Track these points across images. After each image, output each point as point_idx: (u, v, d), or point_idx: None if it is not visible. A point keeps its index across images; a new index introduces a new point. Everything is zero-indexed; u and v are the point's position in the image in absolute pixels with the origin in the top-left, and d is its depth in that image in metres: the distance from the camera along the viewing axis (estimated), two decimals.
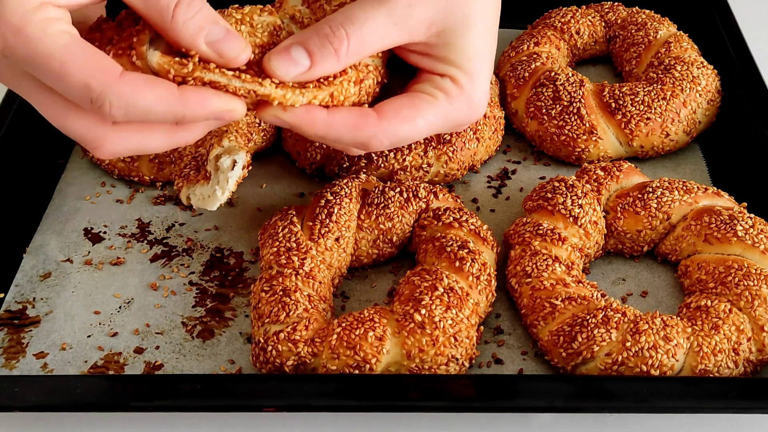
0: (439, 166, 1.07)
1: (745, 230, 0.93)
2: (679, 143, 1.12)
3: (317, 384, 0.81)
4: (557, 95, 1.11)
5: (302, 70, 0.76)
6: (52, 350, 0.91)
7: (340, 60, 0.77)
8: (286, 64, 0.76)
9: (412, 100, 0.82)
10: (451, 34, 0.80)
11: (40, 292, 0.97)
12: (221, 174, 0.89)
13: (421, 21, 0.78)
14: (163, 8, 0.71)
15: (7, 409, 0.81)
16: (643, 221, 0.97)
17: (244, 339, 0.92)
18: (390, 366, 0.85)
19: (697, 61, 1.14)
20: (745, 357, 0.86)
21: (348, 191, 0.97)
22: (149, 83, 0.71)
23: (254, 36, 0.79)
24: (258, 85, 0.75)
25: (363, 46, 0.77)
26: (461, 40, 0.81)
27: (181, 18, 0.71)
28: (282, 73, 0.76)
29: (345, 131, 0.79)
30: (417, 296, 0.87)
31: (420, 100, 0.83)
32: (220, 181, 0.89)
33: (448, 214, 0.96)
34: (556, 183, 1.00)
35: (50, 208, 1.08)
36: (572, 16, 1.25)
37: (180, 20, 0.71)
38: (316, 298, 0.89)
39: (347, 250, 0.96)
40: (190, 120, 0.73)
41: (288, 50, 0.76)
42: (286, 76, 0.76)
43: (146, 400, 0.80)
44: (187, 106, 0.71)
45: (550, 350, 0.88)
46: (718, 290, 0.90)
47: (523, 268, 0.93)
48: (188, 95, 0.72)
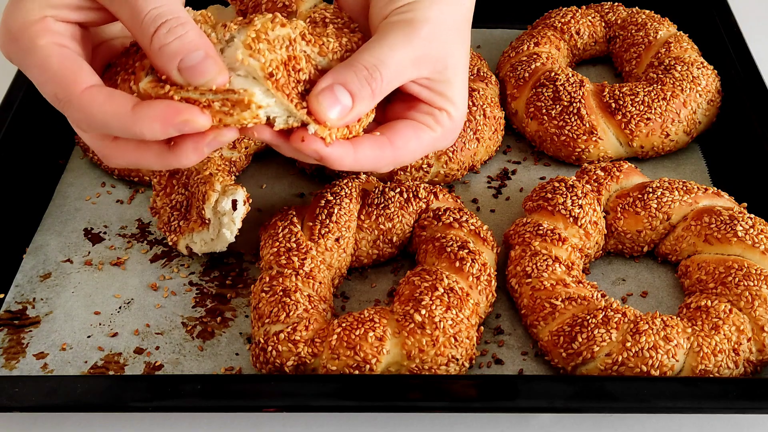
0: (439, 166, 1.07)
1: (745, 230, 0.93)
2: (679, 143, 1.12)
3: (317, 384, 0.81)
4: (557, 95, 1.11)
5: (345, 111, 0.78)
6: (52, 351, 0.91)
7: (375, 99, 0.80)
8: (331, 104, 0.77)
9: (417, 132, 0.85)
10: (450, 71, 0.84)
11: (40, 292, 0.97)
12: (225, 217, 0.92)
13: (431, 59, 0.82)
14: (144, 32, 0.73)
15: (7, 409, 0.81)
16: (643, 221, 0.97)
17: (244, 339, 0.92)
18: (390, 366, 0.85)
19: (697, 62, 1.14)
20: (745, 357, 0.86)
21: (348, 191, 0.97)
22: (108, 98, 0.72)
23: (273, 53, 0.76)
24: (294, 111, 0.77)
25: (391, 84, 0.80)
26: (456, 77, 0.85)
27: (157, 43, 0.72)
28: (328, 113, 0.77)
29: (367, 164, 0.83)
30: (417, 296, 0.87)
31: (423, 133, 0.85)
32: (226, 223, 0.92)
33: (448, 215, 0.96)
34: (556, 183, 1.00)
35: (50, 208, 1.08)
36: (572, 16, 1.25)
37: (156, 46, 0.72)
38: (316, 298, 0.89)
39: (347, 251, 0.96)
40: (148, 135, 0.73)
41: (332, 90, 0.77)
42: (331, 116, 0.77)
43: (146, 400, 0.80)
44: (137, 120, 0.72)
45: (550, 350, 0.88)
46: (718, 290, 0.90)
47: (523, 268, 0.93)
48: (139, 110, 0.72)
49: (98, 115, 0.72)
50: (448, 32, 0.82)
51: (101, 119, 0.72)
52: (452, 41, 0.83)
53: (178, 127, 0.72)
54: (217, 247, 0.94)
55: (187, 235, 0.95)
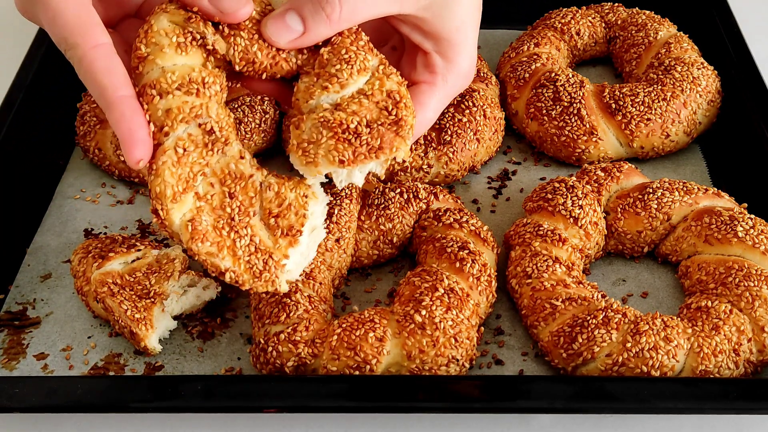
0: (439, 167, 1.07)
1: (746, 231, 0.93)
2: (680, 144, 1.12)
3: (318, 385, 0.81)
4: (557, 96, 1.11)
5: (295, 36, 0.80)
6: (52, 351, 0.91)
7: (332, 26, 0.80)
8: (280, 30, 0.79)
9: (417, 99, 0.85)
10: (439, 7, 0.82)
11: (41, 293, 0.97)
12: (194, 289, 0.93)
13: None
14: None
15: (7, 410, 0.81)
16: (643, 222, 0.97)
17: (244, 340, 0.92)
18: (390, 367, 0.85)
19: (697, 62, 1.14)
20: (745, 358, 0.86)
21: (348, 192, 0.97)
22: (105, 71, 0.74)
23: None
24: None
25: (354, 14, 0.80)
26: (448, 13, 0.83)
27: None
28: (276, 39, 0.79)
29: None
30: (417, 297, 0.87)
31: (421, 94, 0.86)
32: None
33: (449, 215, 0.96)
34: (557, 184, 1.00)
35: (50, 209, 1.08)
36: (572, 17, 1.25)
37: None
38: (317, 299, 0.89)
39: (347, 251, 0.96)
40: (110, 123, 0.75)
41: (283, 16, 0.79)
42: (280, 41, 0.80)
43: (146, 401, 0.80)
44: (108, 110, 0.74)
45: (550, 351, 0.88)
46: (718, 291, 0.90)
47: (523, 268, 0.93)
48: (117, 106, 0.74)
49: (88, 77, 0.74)
50: None
51: (89, 83, 0.74)
52: None
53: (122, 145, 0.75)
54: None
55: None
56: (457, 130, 1.07)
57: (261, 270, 0.81)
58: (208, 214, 0.79)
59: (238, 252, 0.80)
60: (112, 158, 1.09)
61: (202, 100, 0.78)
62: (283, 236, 0.82)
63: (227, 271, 0.79)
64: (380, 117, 0.80)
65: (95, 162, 1.11)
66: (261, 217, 0.82)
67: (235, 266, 0.80)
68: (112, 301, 0.88)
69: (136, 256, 0.93)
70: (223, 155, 0.80)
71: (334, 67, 0.80)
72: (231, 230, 0.80)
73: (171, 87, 0.77)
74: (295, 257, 0.83)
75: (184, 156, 0.78)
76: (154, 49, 0.77)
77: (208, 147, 0.79)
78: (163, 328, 0.90)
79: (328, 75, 0.80)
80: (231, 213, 0.80)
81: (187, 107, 0.77)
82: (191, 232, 0.78)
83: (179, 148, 0.77)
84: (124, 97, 0.74)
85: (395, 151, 0.81)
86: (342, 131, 0.79)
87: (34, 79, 1.14)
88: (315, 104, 0.81)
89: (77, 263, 0.94)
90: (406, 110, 0.81)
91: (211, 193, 0.79)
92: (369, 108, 0.80)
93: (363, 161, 0.80)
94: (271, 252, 0.81)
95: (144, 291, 0.90)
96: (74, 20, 0.73)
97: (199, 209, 0.79)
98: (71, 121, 1.15)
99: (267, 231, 0.82)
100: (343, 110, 0.80)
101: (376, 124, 0.80)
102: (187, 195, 0.78)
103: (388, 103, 0.81)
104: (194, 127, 0.78)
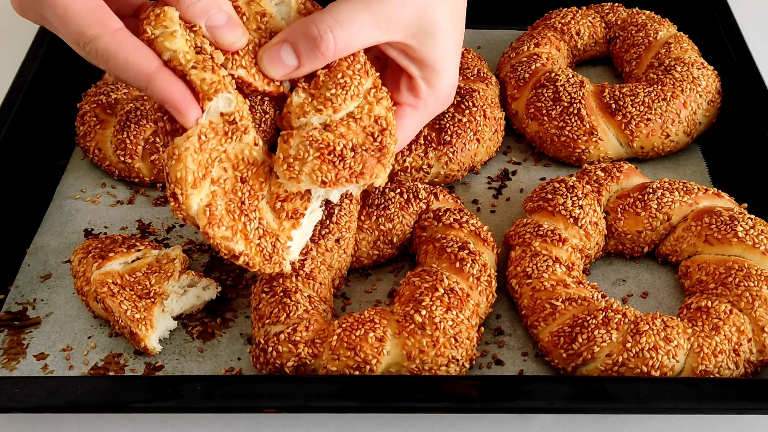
0: (439, 167, 1.07)
1: (746, 231, 0.93)
2: (680, 144, 1.12)
3: (318, 385, 0.81)
4: (557, 96, 1.11)
5: (290, 71, 0.82)
6: (52, 351, 0.91)
7: (326, 60, 0.82)
8: (275, 64, 0.82)
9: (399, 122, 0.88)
10: (424, 36, 0.85)
11: (41, 293, 0.97)
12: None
13: (400, 23, 0.83)
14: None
15: (8, 410, 0.81)
16: (643, 222, 0.97)
17: (244, 340, 0.92)
18: (390, 367, 0.85)
19: (697, 62, 1.14)
20: (745, 358, 0.86)
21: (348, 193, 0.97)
22: (134, 49, 0.75)
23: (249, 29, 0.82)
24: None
25: (347, 48, 0.82)
26: (434, 42, 0.86)
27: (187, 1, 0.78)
28: (271, 72, 0.82)
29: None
30: (417, 297, 0.87)
31: (404, 117, 0.89)
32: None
33: (449, 215, 0.96)
34: (557, 184, 1.00)
35: (51, 209, 1.08)
36: (572, 17, 1.25)
37: (186, 2, 0.78)
38: (317, 299, 0.89)
39: (347, 251, 0.96)
40: (151, 97, 0.77)
41: (278, 51, 0.81)
42: (275, 75, 0.82)
43: (146, 401, 0.80)
44: (151, 84, 0.76)
45: (550, 351, 0.88)
46: (718, 291, 0.90)
47: (523, 269, 0.93)
48: (158, 75, 0.76)
49: (120, 61, 0.75)
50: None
51: (121, 65, 0.75)
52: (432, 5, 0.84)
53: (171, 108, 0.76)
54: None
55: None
56: (457, 130, 1.07)
57: (270, 253, 0.84)
58: (221, 198, 0.81)
59: (249, 236, 0.82)
60: (112, 158, 1.09)
61: (218, 77, 0.79)
62: (287, 219, 0.85)
63: (241, 254, 0.82)
64: (365, 142, 0.83)
65: (95, 162, 1.11)
66: (267, 200, 0.84)
67: (248, 249, 0.82)
68: (112, 302, 0.88)
69: (136, 256, 0.93)
70: (239, 142, 0.82)
71: (329, 90, 0.83)
72: (242, 214, 0.82)
73: (187, 66, 0.78)
74: (296, 238, 0.86)
75: (206, 143, 0.79)
76: (164, 33, 0.78)
77: (228, 135, 0.81)
78: (163, 328, 0.90)
79: (324, 98, 0.83)
80: (242, 197, 0.82)
81: (205, 84, 0.78)
82: (209, 217, 0.80)
83: (202, 135, 0.79)
84: (160, 66, 0.76)
85: (374, 177, 0.84)
86: (328, 153, 0.81)
87: (34, 79, 1.14)
88: (305, 122, 0.83)
89: (77, 263, 0.94)
90: (390, 138, 0.84)
91: (224, 178, 0.81)
92: (356, 132, 0.83)
93: (344, 184, 0.83)
94: (277, 234, 0.84)
95: (144, 291, 0.90)
96: (88, 12, 0.74)
97: (214, 194, 0.80)
98: (71, 121, 1.15)
99: (272, 213, 0.85)
100: (332, 131, 0.82)
101: (361, 149, 0.83)
102: (205, 181, 0.80)
103: (374, 129, 0.83)
104: (216, 115, 0.79)
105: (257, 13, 0.82)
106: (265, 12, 0.83)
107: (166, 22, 0.78)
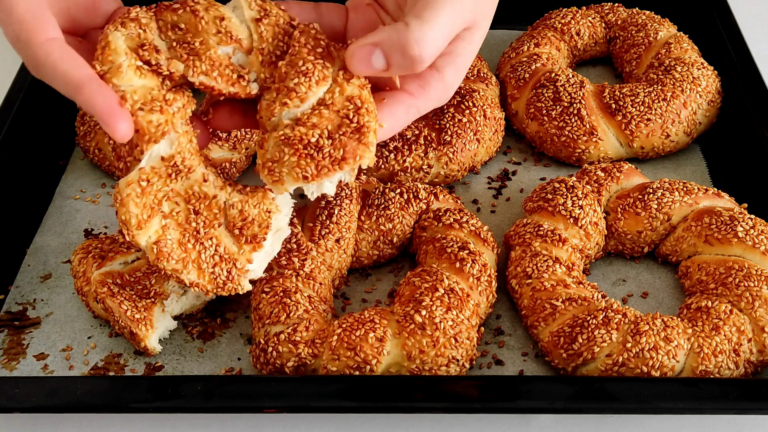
0: (439, 167, 1.07)
1: (746, 231, 0.93)
2: (680, 144, 1.12)
3: (318, 385, 0.81)
4: (557, 96, 1.11)
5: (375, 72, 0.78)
6: (52, 351, 0.91)
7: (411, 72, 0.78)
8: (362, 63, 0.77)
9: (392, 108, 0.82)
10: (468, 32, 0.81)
11: (41, 293, 0.97)
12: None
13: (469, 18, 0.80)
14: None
15: (8, 410, 0.81)
16: (643, 222, 0.97)
17: (244, 340, 0.92)
18: (390, 367, 0.85)
19: (697, 62, 1.14)
20: (745, 358, 0.86)
21: (348, 192, 0.97)
22: (62, 59, 0.74)
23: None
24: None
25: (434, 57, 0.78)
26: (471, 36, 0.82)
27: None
28: (357, 69, 0.78)
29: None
30: (417, 297, 0.87)
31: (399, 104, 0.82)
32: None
33: (449, 215, 0.96)
34: (557, 184, 1.00)
35: (51, 209, 1.08)
36: (572, 17, 1.25)
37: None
38: (317, 299, 0.89)
39: (348, 251, 0.96)
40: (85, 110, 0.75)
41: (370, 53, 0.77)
42: (360, 73, 0.78)
43: (146, 401, 0.80)
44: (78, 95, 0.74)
45: (550, 351, 0.88)
46: (718, 291, 0.90)
47: (523, 269, 0.93)
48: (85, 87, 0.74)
49: (48, 69, 0.74)
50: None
51: (50, 74, 0.74)
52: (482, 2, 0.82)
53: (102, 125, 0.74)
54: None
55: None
56: (457, 131, 1.07)
57: (224, 281, 0.84)
58: (174, 230, 0.81)
59: (202, 265, 0.83)
60: (112, 158, 1.09)
61: (166, 117, 0.78)
62: (247, 243, 0.84)
63: (192, 284, 0.83)
64: (342, 126, 0.79)
65: (95, 162, 1.11)
66: (226, 227, 0.84)
67: (200, 279, 0.83)
68: (112, 302, 0.88)
69: (136, 256, 0.93)
70: (187, 179, 0.82)
71: (292, 81, 0.79)
72: (196, 242, 0.82)
73: (134, 107, 0.77)
74: (259, 259, 0.85)
75: (148, 186, 0.79)
76: (112, 69, 0.77)
77: (172, 176, 0.80)
78: (163, 328, 0.90)
79: (287, 90, 0.79)
80: (196, 227, 0.82)
81: (152, 126, 0.77)
82: (157, 253, 0.80)
83: (143, 181, 0.79)
84: (90, 75, 0.74)
85: (359, 159, 0.79)
86: (303, 147, 0.78)
87: (34, 79, 1.13)
88: (276, 121, 0.80)
89: (77, 263, 0.94)
90: (369, 115, 0.79)
91: (177, 210, 0.82)
92: (330, 118, 0.79)
93: (327, 174, 0.79)
94: (235, 259, 0.84)
95: (144, 291, 0.90)
96: (26, 18, 0.73)
97: (165, 227, 0.81)
98: (71, 121, 1.15)
99: (231, 237, 0.84)
100: (303, 125, 0.78)
101: (338, 134, 0.78)
102: (153, 219, 0.80)
103: (349, 111, 0.79)
104: (157, 160, 0.79)
105: (216, 17, 0.79)
106: (224, 16, 0.80)
107: (112, 56, 0.77)
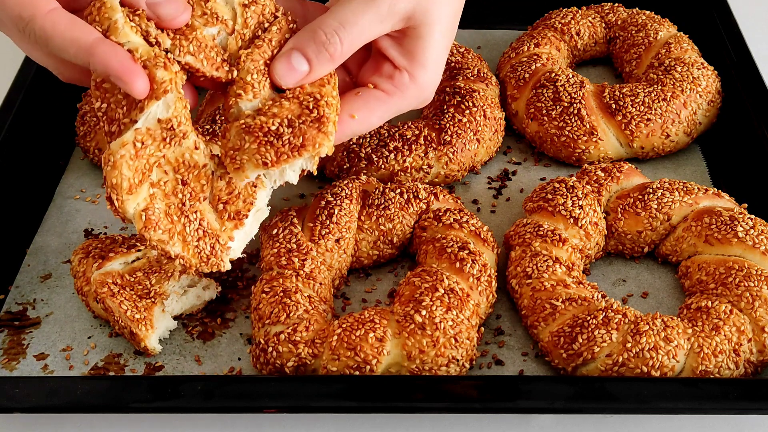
0: (439, 167, 1.07)
1: (746, 231, 0.93)
2: (680, 144, 1.12)
3: (318, 385, 0.81)
4: (557, 96, 1.11)
5: (303, 77, 0.83)
6: (52, 351, 0.91)
7: (336, 62, 0.83)
8: (287, 72, 0.83)
9: (366, 101, 0.87)
10: (424, 29, 0.86)
11: (41, 293, 0.97)
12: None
13: (402, 14, 0.84)
14: None
15: (8, 410, 0.81)
16: (643, 222, 0.97)
17: (244, 340, 0.92)
18: (390, 367, 0.85)
19: (697, 62, 1.14)
20: (745, 358, 0.86)
21: (348, 192, 0.97)
22: (70, 26, 0.75)
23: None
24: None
25: (353, 45, 0.83)
26: (430, 36, 0.86)
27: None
28: (284, 81, 0.83)
29: None
30: (417, 297, 0.87)
31: (374, 99, 0.88)
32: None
33: (449, 215, 0.96)
34: (557, 184, 1.00)
35: (51, 209, 1.08)
36: (572, 17, 1.25)
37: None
38: (317, 299, 0.89)
39: (348, 252, 0.96)
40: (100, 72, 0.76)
41: (289, 59, 0.82)
42: (288, 83, 0.83)
43: (146, 401, 0.80)
44: (92, 57, 0.75)
45: (550, 351, 0.88)
46: (718, 291, 0.90)
47: (523, 269, 0.93)
48: (98, 48, 0.75)
49: (58, 39, 0.75)
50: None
51: (60, 43, 0.75)
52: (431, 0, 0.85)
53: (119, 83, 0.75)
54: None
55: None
56: (457, 131, 1.07)
57: (208, 255, 0.84)
58: (161, 200, 0.81)
59: (187, 238, 0.83)
60: None
61: (170, 74, 0.78)
62: (230, 219, 0.85)
63: (177, 256, 0.82)
64: (302, 115, 0.82)
65: (95, 162, 1.11)
66: (210, 201, 0.85)
67: (184, 251, 0.83)
68: (112, 302, 0.88)
69: (136, 256, 0.93)
70: (179, 146, 0.82)
71: (249, 74, 0.82)
72: (182, 215, 0.83)
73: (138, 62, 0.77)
74: (239, 237, 0.87)
75: (142, 149, 0.79)
76: (110, 27, 0.77)
77: (166, 141, 0.80)
78: (163, 328, 0.90)
79: (243, 83, 0.82)
80: (182, 198, 0.83)
81: (156, 83, 0.77)
82: (144, 221, 0.80)
83: (138, 142, 0.78)
84: (99, 37, 0.76)
85: (318, 147, 0.82)
86: (263, 134, 0.81)
87: (34, 79, 1.14)
88: (237, 112, 0.83)
89: (77, 263, 0.94)
90: (328, 108, 0.82)
91: (165, 180, 0.82)
92: (290, 109, 0.82)
93: (287, 160, 0.81)
94: (217, 235, 0.85)
95: (144, 291, 0.90)
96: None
97: (152, 196, 0.81)
98: (71, 121, 1.15)
99: (215, 213, 0.85)
100: (264, 114, 0.81)
101: (298, 123, 0.81)
102: (143, 185, 0.80)
103: (309, 102, 0.82)
104: (153, 122, 0.79)
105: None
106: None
107: (108, 13, 0.77)
